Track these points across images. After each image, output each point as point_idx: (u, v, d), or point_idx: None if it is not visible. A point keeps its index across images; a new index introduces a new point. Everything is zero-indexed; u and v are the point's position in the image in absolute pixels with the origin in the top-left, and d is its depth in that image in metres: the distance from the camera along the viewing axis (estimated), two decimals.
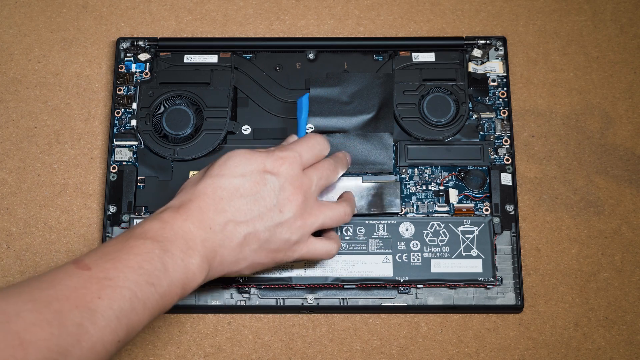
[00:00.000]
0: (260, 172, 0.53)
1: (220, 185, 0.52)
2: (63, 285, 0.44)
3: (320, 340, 0.63)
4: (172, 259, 0.48)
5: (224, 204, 0.51)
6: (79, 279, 0.45)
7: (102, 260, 0.46)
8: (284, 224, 0.53)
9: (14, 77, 0.70)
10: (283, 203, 0.53)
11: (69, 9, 0.72)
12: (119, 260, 0.46)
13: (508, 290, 0.62)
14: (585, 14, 0.72)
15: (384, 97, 0.67)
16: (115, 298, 0.45)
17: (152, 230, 0.49)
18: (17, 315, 0.42)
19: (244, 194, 0.52)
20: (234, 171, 0.52)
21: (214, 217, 0.51)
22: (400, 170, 0.65)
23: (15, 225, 0.66)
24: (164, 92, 0.67)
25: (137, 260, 0.47)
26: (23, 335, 0.41)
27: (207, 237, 0.50)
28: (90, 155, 0.68)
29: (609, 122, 0.69)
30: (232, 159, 0.53)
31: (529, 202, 0.66)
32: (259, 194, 0.52)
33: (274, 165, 0.53)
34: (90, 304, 0.44)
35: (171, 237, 0.49)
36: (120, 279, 0.45)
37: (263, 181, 0.52)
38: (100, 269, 0.46)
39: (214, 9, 0.72)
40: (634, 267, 0.65)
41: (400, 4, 0.73)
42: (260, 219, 0.52)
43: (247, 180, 0.52)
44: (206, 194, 0.51)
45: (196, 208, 0.50)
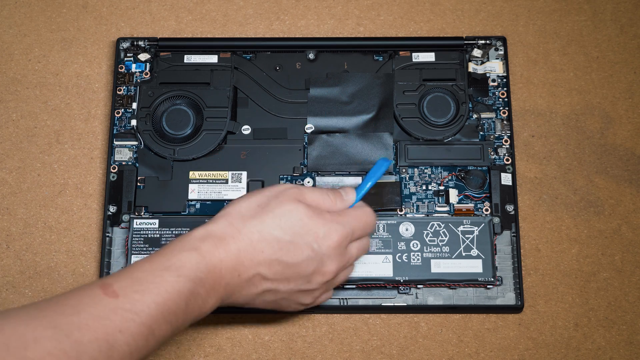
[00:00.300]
0: (310, 242, 0.51)
1: (267, 239, 0.50)
2: (87, 313, 0.43)
3: (320, 340, 0.63)
4: (195, 300, 0.47)
5: (262, 258, 0.50)
6: (104, 308, 0.44)
7: (131, 288, 0.45)
8: (307, 292, 0.53)
9: (14, 77, 0.70)
10: (316, 276, 0.52)
11: (69, 9, 0.72)
12: (148, 292, 0.45)
13: (508, 290, 0.62)
14: (585, 14, 0.72)
15: (384, 97, 0.67)
16: (135, 334, 0.44)
17: (189, 265, 0.47)
18: (36, 342, 0.41)
19: (284, 257, 0.50)
20: (286, 231, 0.50)
21: (247, 267, 0.50)
22: (400, 170, 0.65)
23: (15, 225, 0.66)
24: (164, 92, 0.67)
25: (165, 297, 0.45)
26: None
27: (232, 282, 0.49)
28: (90, 155, 0.68)
29: (609, 122, 0.69)
30: (291, 217, 0.51)
31: (529, 202, 0.66)
32: (297, 262, 0.51)
33: (325, 237, 0.51)
34: (110, 338, 0.43)
35: (203, 278, 0.48)
36: (143, 315, 0.44)
37: (308, 250, 0.51)
38: (128, 299, 0.44)
39: (214, 9, 0.72)
40: (634, 267, 0.65)
41: (400, 4, 0.73)
42: (287, 282, 0.51)
43: (294, 246, 0.50)
44: (250, 241, 0.50)
45: (235, 250, 0.49)
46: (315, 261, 0.51)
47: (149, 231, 0.62)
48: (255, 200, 0.52)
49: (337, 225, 0.52)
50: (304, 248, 0.51)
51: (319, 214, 0.52)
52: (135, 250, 0.62)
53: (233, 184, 0.65)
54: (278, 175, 0.65)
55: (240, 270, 0.49)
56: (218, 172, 0.65)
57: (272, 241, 0.50)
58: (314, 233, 0.51)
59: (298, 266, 0.51)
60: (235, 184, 0.65)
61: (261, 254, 0.50)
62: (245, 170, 0.65)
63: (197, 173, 0.65)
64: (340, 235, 0.52)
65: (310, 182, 0.65)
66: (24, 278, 0.64)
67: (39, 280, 0.64)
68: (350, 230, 0.53)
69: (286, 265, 0.51)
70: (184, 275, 0.47)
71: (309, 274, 0.52)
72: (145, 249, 0.62)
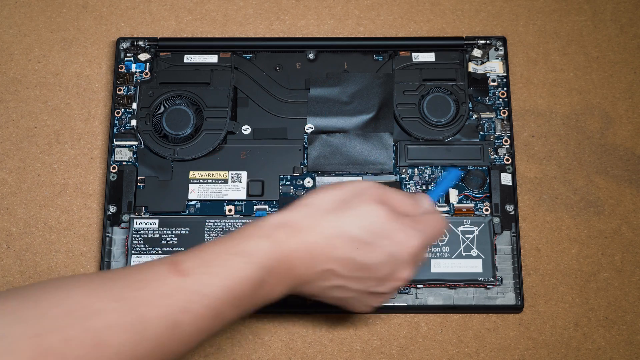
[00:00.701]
0: (387, 246, 0.49)
1: (343, 236, 0.48)
2: (153, 289, 0.43)
3: (320, 340, 0.63)
4: (263, 288, 0.47)
5: (336, 254, 0.48)
6: (171, 287, 0.43)
7: (200, 269, 0.44)
8: (377, 295, 0.52)
9: (14, 77, 0.70)
10: (389, 280, 0.51)
11: (69, 9, 0.72)
12: (216, 275, 0.44)
13: (508, 290, 0.62)
14: (585, 14, 0.72)
15: (384, 97, 0.67)
16: (200, 315, 0.44)
17: (260, 252, 0.46)
18: (100, 313, 0.41)
19: (359, 257, 0.49)
20: (365, 231, 0.49)
21: (320, 262, 0.48)
22: (400, 170, 0.65)
23: (15, 225, 0.66)
24: (164, 92, 0.67)
25: (233, 282, 0.45)
26: (101, 336, 0.40)
27: (303, 273, 0.48)
28: (90, 155, 0.68)
29: (609, 122, 0.69)
30: (372, 218, 0.49)
31: (529, 202, 0.66)
32: (371, 264, 0.49)
33: (404, 243, 0.50)
34: (175, 317, 0.43)
35: (274, 266, 0.47)
36: (211, 297, 0.44)
37: (384, 254, 0.49)
38: (196, 280, 0.44)
39: (214, 9, 0.72)
40: (634, 267, 0.65)
41: (400, 4, 0.73)
42: (358, 282, 0.50)
43: (370, 248, 0.49)
44: (326, 235, 0.48)
45: (309, 243, 0.48)
46: (390, 266, 0.50)
47: (149, 231, 0.62)
48: (337, 194, 0.50)
49: (416, 232, 0.50)
50: (380, 251, 0.49)
51: (399, 218, 0.50)
52: (135, 251, 0.62)
53: (233, 184, 0.65)
54: (278, 175, 0.65)
55: (312, 263, 0.48)
56: (218, 172, 0.65)
57: (348, 239, 0.48)
58: (392, 237, 0.49)
59: (372, 268, 0.50)
60: (235, 184, 0.65)
61: (335, 250, 0.48)
62: (245, 170, 0.65)
63: (197, 173, 0.65)
64: (419, 243, 0.50)
65: (310, 182, 0.65)
66: (24, 278, 0.64)
67: (38, 280, 0.64)
68: (427, 238, 0.51)
69: (360, 265, 0.49)
70: (254, 262, 0.46)
71: (382, 277, 0.50)
72: (145, 249, 0.62)
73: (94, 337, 0.40)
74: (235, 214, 0.64)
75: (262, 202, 0.64)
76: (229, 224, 0.63)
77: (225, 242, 0.47)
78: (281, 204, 0.64)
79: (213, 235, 0.62)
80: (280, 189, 0.65)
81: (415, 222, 0.51)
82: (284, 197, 0.64)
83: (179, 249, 0.62)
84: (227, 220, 0.63)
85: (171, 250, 0.62)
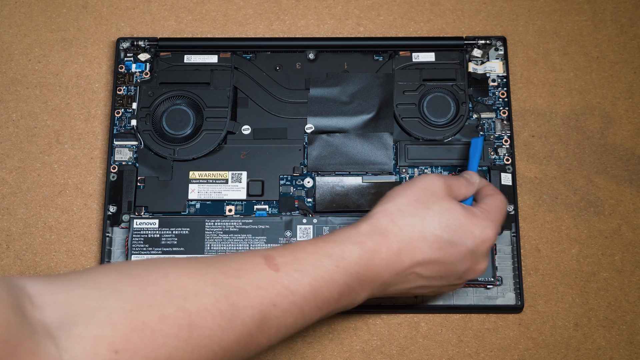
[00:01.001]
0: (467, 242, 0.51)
1: (428, 238, 0.50)
2: (247, 279, 0.44)
3: (320, 340, 0.63)
4: (348, 293, 0.48)
5: (422, 257, 0.50)
6: (264, 279, 0.44)
7: (292, 266, 0.46)
8: (454, 286, 0.54)
9: (14, 77, 0.70)
10: (468, 273, 0.53)
11: (69, 9, 0.72)
12: (306, 274, 0.46)
13: (508, 290, 0.62)
14: (585, 14, 0.72)
15: (383, 97, 0.67)
16: (286, 311, 0.45)
17: (350, 258, 0.48)
18: (196, 295, 0.41)
19: (443, 257, 0.51)
20: (445, 230, 0.50)
21: (405, 267, 0.50)
22: (400, 170, 0.65)
23: (15, 225, 0.66)
24: (164, 92, 0.67)
25: (321, 283, 0.46)
26: (194, 318, 0.41)
27: (388, 280, 0.50)
28: (90, 155, 0.68)
29: (609, 122, 0.69)
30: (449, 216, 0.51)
31: (529, 202, 0.66)
32: (454, 262, 0.51)
33: (481, 236, 0.52)
34: (264, 308, 0.44)
35: (361, 273, 0.48)
36: (298, 295, 0.45)
37: (465, 250, 0.51)
38: (287, 276, 0.45)
39: (214, 9, 0.72)
40: (634, 267, 0.65)
41: (400, 4, 0.73)
42: (440, 279, 0.52)
43: (452, 246, 0.51)
44: (411, 239, 0.50)
45: (396, 249, 0.49)
46: (470, 260, 0.52)
47: (149, 231, 0.62)
48: (411, 195, 0.51)
49: (490, 222, 0.52)
50: (461, 248, 0.51)
51: (472, 212, 0.52)
52: (135, 250, 0.62)
53: (233, 184, 0.65)
54: (278, 175, 0.65)
55: (397, 269, 0.50)
56: (218, 172, 0.65)
57: (433, 241, 0.50)
58: (471, 233, 0.51)
59: (454, 265, 0.51)
60: (235, 184, 0.65)
61: (421, 253, 0.50)
62: (245, 170, 0.65)
63: (197, 173, 0.65)
64: (494, 233, 0.52)
65: (310, 182, 0.65)
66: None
67: None
68: (498, 224, 0.54)
69: (443, 264, 0.51)
70: (343, 267, 0.47)
71: (463, 271, 0.52)
72: (145, 249, 0.62)
73: (188, 318, 0.41)
74: (235, 214, 0.64)
75: (262, 202, 0.64)
76: (229, 224, 0.63)
77: (317, 243, 0.48)
78: (281, 204, 0.64)
79: (213, 235, 0.62)
80: (280, 189, 0.65)
81: (487, 212, 0.53)
82: (284, 197, 0.64)
83: (179, 249, 0.62)
84: (227, 220, 0.63)
85: (171, 250, 0.62)
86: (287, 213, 0.64)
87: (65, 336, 0.38)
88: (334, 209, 0.64)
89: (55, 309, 0.38)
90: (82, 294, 0.40)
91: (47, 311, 0.38)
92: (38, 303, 0.38)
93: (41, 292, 0.39)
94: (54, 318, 0.38)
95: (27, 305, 0.38)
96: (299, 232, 0.63)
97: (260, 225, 0.63)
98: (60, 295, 0.39)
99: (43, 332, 0.37)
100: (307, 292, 0.46)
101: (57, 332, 0.38)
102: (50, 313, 0.38)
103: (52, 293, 0.39)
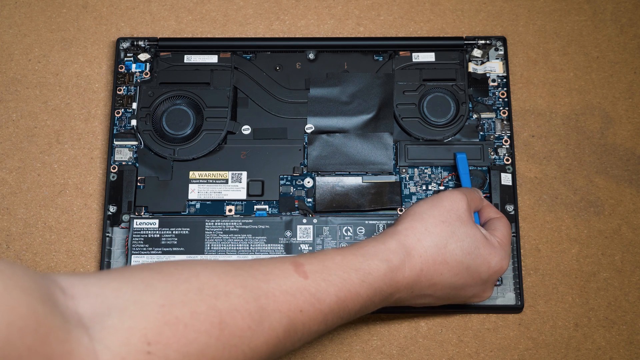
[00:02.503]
0: (482, 270, 0.53)
1: (449, 262, 0.52)
2: (276, 283, 0.45)
3: (320, 340, 0.63)
4: (368, 306, 0.49)
5: (439, 280, 0.52)
6: (292, 285, 0.45)
7: (320, 275, 0.47)
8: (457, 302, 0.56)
9: (14, 77, 0.70)
10: (474, 298, 0.56)
11: (69, 9, 0.72)
12: (334, 284, 0.47)
13: (508, 290, 0.62)
14: (585, 14, 0.72)
15: (384, 97, 0.67)
16: (312, 318, 0.45)
17: (376, 274, 0.49)
18: (227, 295, 0.42)
19: (457, 282, 0.53)
20: (466, 256, 0.52)
21: (422, 287, 0.52)
22: (400, 170, 0.65)
23: (15, 225, 0.66)
24: (164, 92, 0.67)
25: (346, 295, 0.47)
26: (224, 317, 0.41)
27: (404, 296, 0.52)
28: (90, 155, 0.68)
29: (609, 122, 0.69)
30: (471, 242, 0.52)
31: (529, 202, 0.66)
32: (466, 286, 0.54)
33: (495, 266, 0.54)
34: (292, 314, 0.44)
35: (383, 289, 0.49)
36: (324, 303, 0.46)
37: (477, 278, 0.53)
38: (315, 284, 0.46)
39: (214, 9, 0.72)
40: (634, 267, 0.65)
41: (400, 4, 0.73)
42: (446, 299, 0.54)
43: (468, 273, 0.53)
44: (434, 262, 0.51)
45: (418, 269, 0.51)
46: (480, 287, 0.55)
47: (149, 231, 0.62)
48: (438, 215, 0.53)
49: (505, 254, 0.54)
50: (475, 275, 0.53)
51: (490, 242, 0.54)
52: (135, 250, 0.62)
53: (233, 184, 0.65)
54: (278, 175, 0.65)
55: (415, 288, 0.51)
56: (218, 172, 0.65)
57: (453, 266, 0.52)
58: (487, 262, 0.53)
59: (464, 289, 0.54)
60: (235, 184, 0.65)
61: (439, 276, 0.52)
62: (245, 170, 0.65)
63: (197, 173, 0.65)
64: (507, 265, 0.55)
65: (310, 182, 0.65)
66: None
67: None
68: (510, 254, 0.56)
69: (455, 288, 0.53)
70: (369, 282, 0.48)
71: (470, 296, 0.55)
72: (146, 249, 0.62)
73: (219, 316, 0.41)
74: (235, 214, 0.64)
75: (262, 202, 0.64)
76: (229, 224, 0.63)
77: (346, 255, 0.49)
78: (281, 204, 0.64)
79: (213, 235, 0.62)
80: (280, 189, 0.65)
81: (501, 242, 0.55)
82: (284, 197, 0.64)
83: (179, 249, 0.62)
84: (227, 220, 0.63)
85: (171, 250, 0.62)
86: (287, 213, 0.64)
87: (99, 327, 0.38)
88: (334, 209, 0.64)
89: (88, 300, 0.39)
90: (116, 287, 0.40)
91: (80, 302, 0.39)
92: (71, 293, 0.39)
93: (74, 284, 0.39)
94: (87, 309, 0.38)
95: (59, 295, 0.38)
96: (299, 232, 0.63)
97: (260, 225, 0.63)
98: (93, 288, 0.40)
99: (76, 322, 0.37)
100: (333, 302, 0.47)
101: (91, 322, 0.38)
102: (84, 304, 0.39)
103: (85, 285, 0.40)
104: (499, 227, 0.56)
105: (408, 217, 0.53)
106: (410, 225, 0.52)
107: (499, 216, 0.58)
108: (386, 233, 0.52)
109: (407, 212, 0.54)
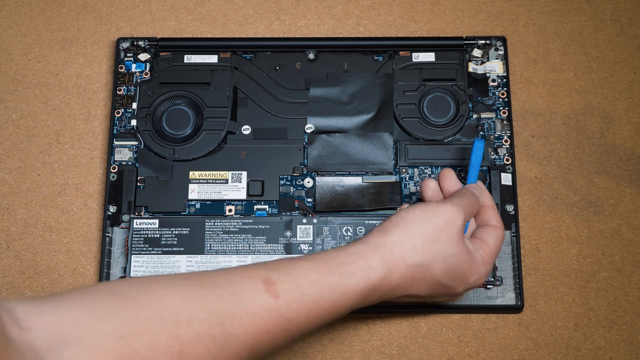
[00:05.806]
0: (459, 286, 0.53)
1: (428, 280, 0.51)
2: (244, 304, 0.43)
3: (320, 340, 0.63)
4: (338, 315, 0.48)
5: (414, 291, 0.52)
6: (261, 306, 0.44)
7: (292, 295, 0.45)
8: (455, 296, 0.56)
9: (14, 77, 0.70)
10: (444, 301, 0.56)
11: (69, 9, 0.72)
12: (305, 305, 0.46)
13: (508, 290, 0.62)
14: (585, 14, 0.72)
15: (383, 97, 0.67)
16: (279, 338, 0.45)
17: (352, 293, 0.48)
18: (189, 323, 0.41)
19: (433, 293, 0.53)
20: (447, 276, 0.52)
21: (396, 296, 0.51)
22: (400, 170, 0.65)
23: (15, 225, 0.66)
24: (164, 92, 0.67)
25: (318, 314, 0.46)
26: (185, 346, 0.40)
27: (374, 300, 0.51)
28: (90, 155, 0.68)
29: (609, 122, 0.69)
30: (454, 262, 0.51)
31: (529, 202, 0.66)
32: (436, 297, 0.54)
33: (475, 283, 0.54)
34: (258, 336, 0.43)
35: (356, 304, 0.49)
36: (293, 324, 0.45)
37: (453, 292, 0.53)
38: (285, 305, 0.45)
39: (214, 9, 0.72)
40: (634, 267, 0.65)
41: (400, 4, 0.73)
42: (430, 298, 0.54)
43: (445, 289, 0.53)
44: (412, 278, 0.50)
45: (395, 283, 0.50)
46: (451, 297, 0.55)
47: (149, 231, 0.62)
48: (430, 234, 0.51)
49: (485, 271, 0.54)
50: (450, 290, 0.53)
51: (475, 258, 0.53)
52: (135, 250, 0.62)
53: (233, 184, 0.65)
54: (278, 175, 0.65)
55: (386, 297, 0.51)
56: (218, 172, 0.65)
57: (431, 283, 0.51)
58: (466, 279, 0.53)
59: (435, 298, 0.54)
60: (235, 184, 0.65)
61: (414, 290, 0.51)
62: (245, 170, 0.65)
63: (197, 173, 0.65)
64: (485, 278, 0.55)
65: (310, 182, 0.65)
66: (24, 278, 0.64)
67: (39, 280, 0.64)
68: (493, 265, 0.56)
69: (427, 297, 0.53)
70: (343, 301, 0.48)
71: (441, 300, 0.56)
72: (146, 249, 0.62)
73: (180, 345, 0.40)
74: (235, 214, 0.64)
75: (262, 202, 0.64)
76: (229, 224, 0.63)
77: (323, 272, 0.47)
78: (281, 204, 0.64)
79: (213, 235, 0.62)
80: (280, 189, 0.65)
81: (487, 257, 0.54)
82: (284, 197, 0.64)
83: (179, 249, 0.62)
84: (227, 220, 0.63)
85: (171, 250, 0.62)
86: (287, 213, 0.64)
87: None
88: (334, 209, 0.64)
89: (45, 331, 0.38)
90: (74, 316, 0.39)
91: (37, 333, 0.38)
92: (27, 326, 0.38)
93: (31, 313, 0.38)
94: (44, 340, 0.38)
95: (14, 329, 0.37)
96: (299, 232, 0.63)
97: (260, 225, 0.63)
98: (51, 317, 0.39)
99: (32, 356, 0.37)
100: (303, 323, 0.46)
101: (47, 355, 0.37)
102: (41, 335, 0.38)
103: (42, 314, 0.39)
104: (490, 240, 0.54)
105: (398, 227, 0.51)
106: (399, 239, 0.50)
107: (496, 225, 0.55)
108: (370, 243, 0.50)
109: (398, 217, 0.52)
